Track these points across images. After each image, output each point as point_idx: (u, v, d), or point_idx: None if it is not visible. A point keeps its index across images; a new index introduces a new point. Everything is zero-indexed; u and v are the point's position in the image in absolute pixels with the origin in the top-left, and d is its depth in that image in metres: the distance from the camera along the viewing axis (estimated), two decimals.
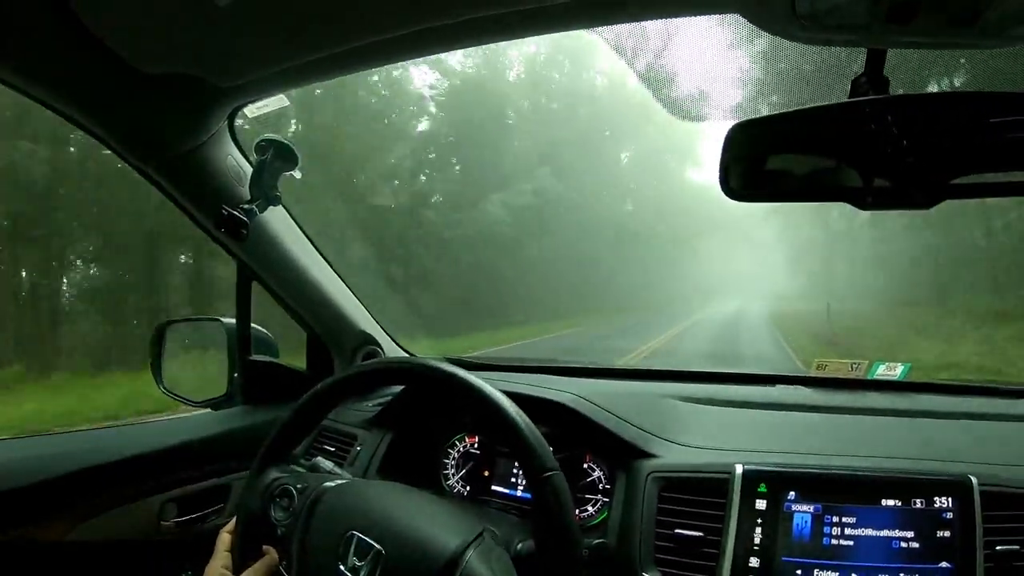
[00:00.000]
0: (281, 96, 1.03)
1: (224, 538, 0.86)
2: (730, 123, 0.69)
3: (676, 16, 0.77)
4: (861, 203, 0.68)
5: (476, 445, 1.22)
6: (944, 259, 13.64)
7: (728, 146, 0.70)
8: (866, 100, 0.66)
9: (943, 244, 13.42)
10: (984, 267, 12.58)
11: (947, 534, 0.82)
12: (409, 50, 0.84)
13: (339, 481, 0.85)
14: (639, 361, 8.48)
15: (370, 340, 1.52)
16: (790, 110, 0.68)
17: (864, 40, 0.64)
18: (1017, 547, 0.80)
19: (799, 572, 0.83)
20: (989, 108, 0.63)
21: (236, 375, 1.36)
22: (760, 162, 0.73)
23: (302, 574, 0.77)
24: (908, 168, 0.66)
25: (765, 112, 0.70)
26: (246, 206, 1.09)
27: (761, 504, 0.87)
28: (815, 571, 0.83)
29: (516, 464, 1.15)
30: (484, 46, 0.87)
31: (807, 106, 0.67)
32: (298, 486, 0.84)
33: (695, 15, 0.76)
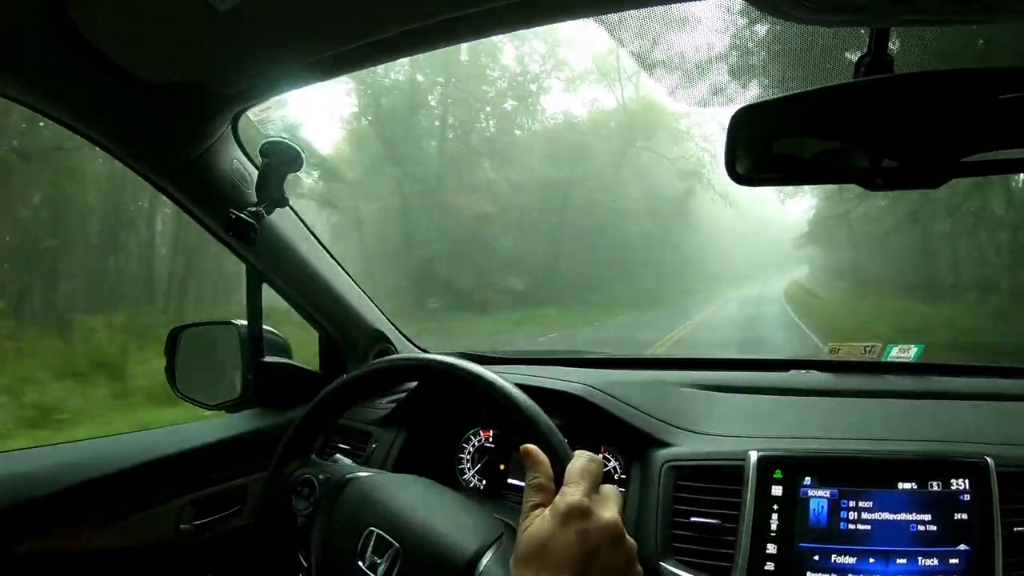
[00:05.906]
0: (281, 97, 1.03)
1: None
2: (735, 107, 0.69)
3: (678, 1, 0.76)
4: (870, 184, 0.68)
5: (491, 439, 1.23)
6: None
7: (733, 131, 0.70)
8: (871, 80, 0.65)
9: None
10: None
11: (964, 516, 0.82)
12: (413, 46, 0.84)
13: (363, 473, 0.85)
14: None
15: (383, 338, 1.52)
16: (795, 92, 0.67)
17: (867, 19, 0.64)
18: None
19: (816, 557, 0.83)
20: (997, 85, 0.62)
21: (250, 377, 1.37)
22: (766, 146, 0.72)
23: (321, 566, 0.78)
24: (916, 147, 0.65)
25: (770, 95, 0.69)
26: (253, 209, 1.10)
27: (777, 490, 0.87)
28: (832, 556, 0.83)
29: None
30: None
31: (812, 88, 0.66)
32: (320, 476, 0.84)
33: None
